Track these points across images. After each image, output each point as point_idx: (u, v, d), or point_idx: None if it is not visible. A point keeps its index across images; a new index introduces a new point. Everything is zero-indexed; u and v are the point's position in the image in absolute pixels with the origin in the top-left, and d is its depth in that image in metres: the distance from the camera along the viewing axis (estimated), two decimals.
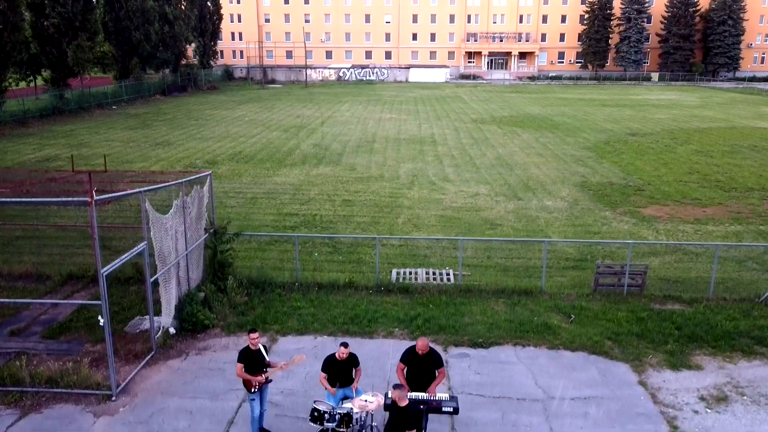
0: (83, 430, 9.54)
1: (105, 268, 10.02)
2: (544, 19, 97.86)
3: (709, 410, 10.29)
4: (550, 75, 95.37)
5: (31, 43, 46.56)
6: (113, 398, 10.32)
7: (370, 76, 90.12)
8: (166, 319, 12.61)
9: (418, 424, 7.94)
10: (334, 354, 9.34)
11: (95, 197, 9.52)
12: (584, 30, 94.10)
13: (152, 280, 11.60)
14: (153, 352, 11.79)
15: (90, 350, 11.79)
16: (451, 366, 11.61)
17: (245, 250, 17.44)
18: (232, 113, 51.32)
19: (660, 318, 13.46)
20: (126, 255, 10.86)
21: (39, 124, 43.68)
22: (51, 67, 48.26)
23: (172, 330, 12.52)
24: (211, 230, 14.68)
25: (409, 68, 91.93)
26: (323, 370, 9.27)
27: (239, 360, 9.05)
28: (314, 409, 8.79)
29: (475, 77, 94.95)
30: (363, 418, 8.95)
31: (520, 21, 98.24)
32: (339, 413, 8.71)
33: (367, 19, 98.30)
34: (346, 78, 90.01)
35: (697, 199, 24.57)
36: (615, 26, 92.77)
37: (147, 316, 12.12)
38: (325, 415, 8.72)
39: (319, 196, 24.55)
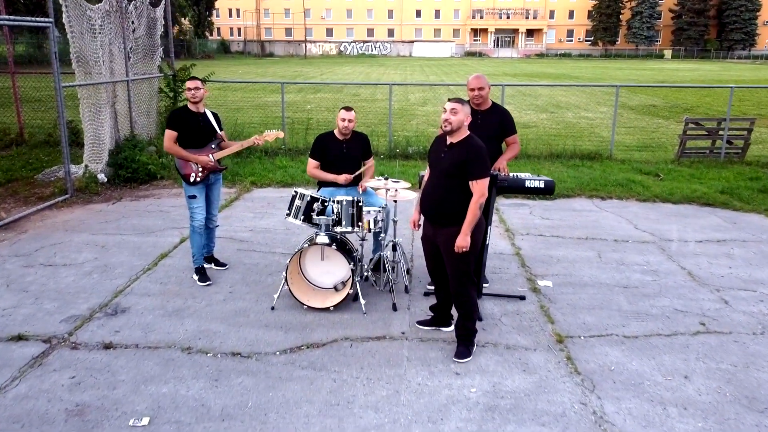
0: None
1: None
2: None
3: None
4: (559, 53, 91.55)
5: None
6: None
7: (372, 50, 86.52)
8: (95, 165, 8.91)
9: (489, 175, 4.13)
10: (331, 131, 5.64)
11: None
12: (594, 6, 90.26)
13: (65, 86, 7.90)
14: (68, 195, 8.08)
15: None
16: (505, 213, 7.91)
17: None
18: (225, 69, 47.62)
19: None
20: (18, 18, 7.09)
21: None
22: (27, 13, 44.52)
23: (101, 176, 8.80)
24: (170, 74, 10.99)
25: (412, 43, 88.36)
26: (312, 154, 5.56)
27: (169, 125, 5.32)
28: (296, 195, 5.07)
29: (480, 55, 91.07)
30: (384, 219, 5.25)
31: None
32: (339, 202, 5.01)
33: None
34: (348, 52, 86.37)
35: (761, 114, 20.82)
36: (627, 1, 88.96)
37: (70, 166, 8.36)
38: (315, 205, 5.01)
39: (317, 108, 20.86)
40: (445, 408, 3.67)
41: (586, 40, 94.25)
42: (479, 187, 3.97)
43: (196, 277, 5.43)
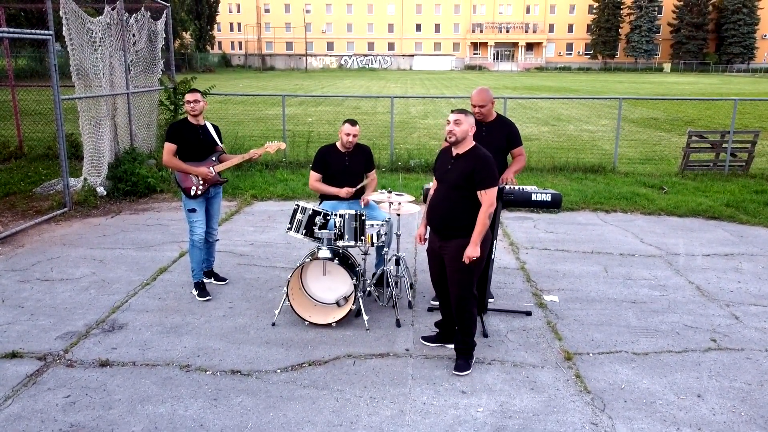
0: None
1: None
2: (552, 9, 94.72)
3: None
4: (559, 66, 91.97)
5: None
6: None
7: (372, 63, 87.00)
8: (94, 178, 8.84)
9: (496, 183, 4.01)
10: (333, 143, 5.57)
11: None
12: (593, 20, 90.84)
13: (64, 99, 7.86)
14: (66, 209, 8.00)
15: None
16: (509, 226, 7.83)
17: None
18: (226, 82, 47.82)
19: None
20: (17, 30, 7.06)
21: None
22: (30, 26, 44.74)
23: (100, 190, 8.73)
24: (170, 87, 10.96)
25: (413, 56, 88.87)
26: (314, 167, 5.49)
27: (168, 138, 5.25)
28: (297, 209, 4.99)
29: (480, 68, 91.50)
30: (386, 233, 5.15)
31: (527, 11, 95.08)
32: (342, 216, 4.92)
33: (370, 9, 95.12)
34: (348, 66, 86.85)
35: (763, 127, 20.79)
36: (626, 15, 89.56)
37: (69, 179, 8.28)
38: (317, 219, 4.92)
39: (318, 120, 20.84)
40: (451, 429, 3.55)
41: (586, 54, 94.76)
42: (488, 197, 3.90)
43: (195, 293, 5.33)
